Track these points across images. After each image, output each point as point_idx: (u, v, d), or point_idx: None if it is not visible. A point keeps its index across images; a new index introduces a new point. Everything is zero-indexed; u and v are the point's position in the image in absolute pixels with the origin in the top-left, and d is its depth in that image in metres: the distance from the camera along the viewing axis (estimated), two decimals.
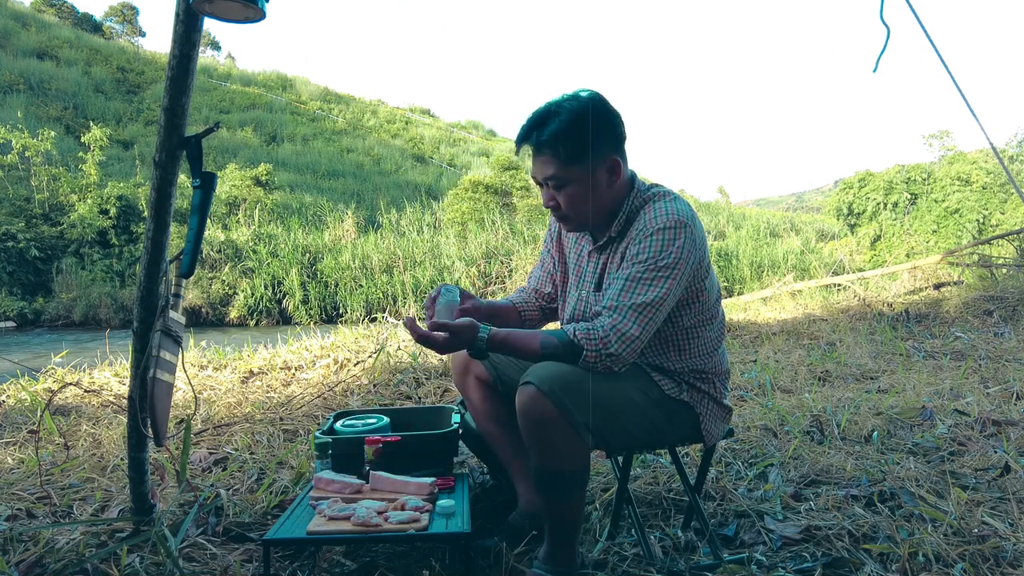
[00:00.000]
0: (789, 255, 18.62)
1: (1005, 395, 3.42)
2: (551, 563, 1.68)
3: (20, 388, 3.96)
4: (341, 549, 1.90)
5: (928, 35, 2.87)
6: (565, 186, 1.66)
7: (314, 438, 2.11)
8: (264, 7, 1.54)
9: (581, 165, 1.63)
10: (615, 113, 1.68)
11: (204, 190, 1.78)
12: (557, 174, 1.65)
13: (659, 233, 1.60)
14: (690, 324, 1.73)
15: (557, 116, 1.62)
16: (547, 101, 1.67)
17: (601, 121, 1.63)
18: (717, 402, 1.81)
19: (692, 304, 1.71)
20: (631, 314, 1.57)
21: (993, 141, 3.44)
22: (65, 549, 1.84)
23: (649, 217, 1.64)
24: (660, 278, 1.59)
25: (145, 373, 1.76)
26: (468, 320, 1.62)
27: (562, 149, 1.62)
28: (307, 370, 4.58)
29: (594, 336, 1.57)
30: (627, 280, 1.61)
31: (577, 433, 1.56)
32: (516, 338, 1.63)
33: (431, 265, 15.49)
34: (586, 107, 1.62)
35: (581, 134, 1.60)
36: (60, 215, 15.92)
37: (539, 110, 1.66)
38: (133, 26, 46.14)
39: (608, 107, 1.66)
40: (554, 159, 1.63)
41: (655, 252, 1.60)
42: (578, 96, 1.65)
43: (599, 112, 1.64)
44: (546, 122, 1.63)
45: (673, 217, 1.62)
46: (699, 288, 1.70)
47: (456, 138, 36.06)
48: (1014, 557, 1.72)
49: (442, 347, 1.61)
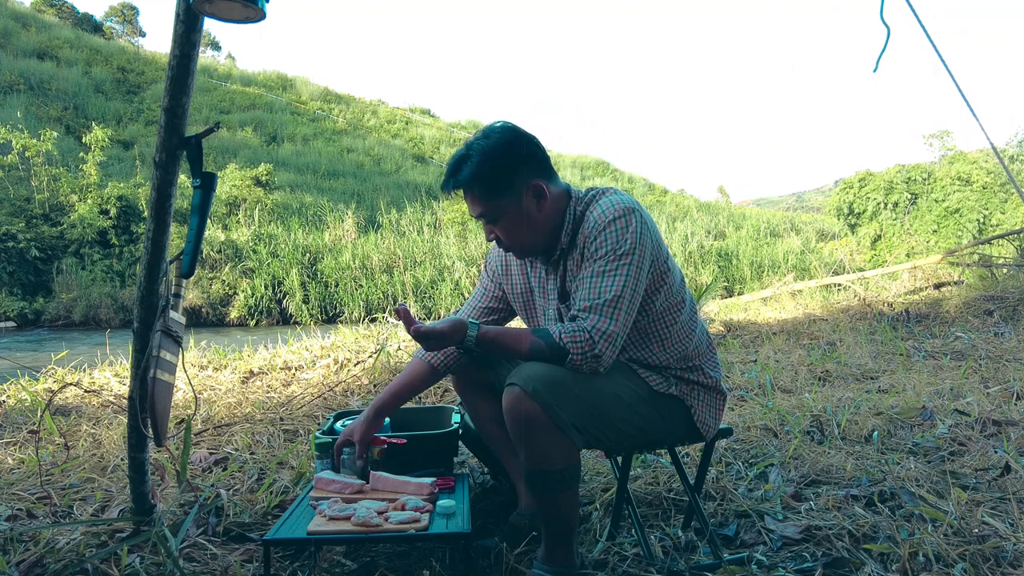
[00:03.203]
0: (789, 255, 18.64)
1: (1005, 395, 3.42)
2: (550, 563, 1.68)
3: (20, 388, 3.96)
4: (341, 549, 1.90)
5: (928, 35, 2.87)
6: (498, 219, 1.72)
7: (314, 438, 2.11)
8: (264, 7, 1.54)
9: (505, 198, 1.68)
10: (528, 139, 1.72)
11: (204, 190, 1.78)
12: (484, 211, 1.71)
13: (611, 225, 1.64)
14: (663, 309, 1.75)
15: (469, 159, 1.68)
16: (463, 144, 1.74)
17: (513, 152, 1.69)
18: (709, 389, 1.82)
19: (660, 289, 1.73)
20: (607, 310, 1.60)
21: (993, 141, 3.44)
22: (65, 549, 1.84)
23: (597, 214, 1.68)
24: (623, 266, 1.62)
25: (145, 373, 1.76)
26: (455, 320, 1.66)
27: (480, 188, 1.68)
28: (307, 370, 4.59)
29: (580, 339, 1.59)
30: (592, 276, 1.64)
31: (563, 432, 1.57)
32: (504, 338, 1.68)
33: (431, 265, 15.50)
34: (497, 143, 1.68)
35: (496, 170, 1.67)
36: (60, 215, 15.92)
37: (455, 154, 1.73)
38: (133, 26, 46.17)
39: (520, 135, 1.72)
40: (478, 198, 1.70)
41: (612, 243, 1.63)
42: (489, 133, 1.71)
43: (510, 143, 1.69)
44: (461, 167, 1.69)
45: (620, 207, 1.66)
46: (663, 270, 1.73)
47: (456, 138, 36.04)
48: (1014, 557, 1.71)
49: (430, 346, 1.68)
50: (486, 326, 1.67)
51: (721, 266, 17.52)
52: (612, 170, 34.78)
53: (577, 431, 1.60)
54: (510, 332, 1.68)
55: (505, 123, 1.74)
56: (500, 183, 1.67)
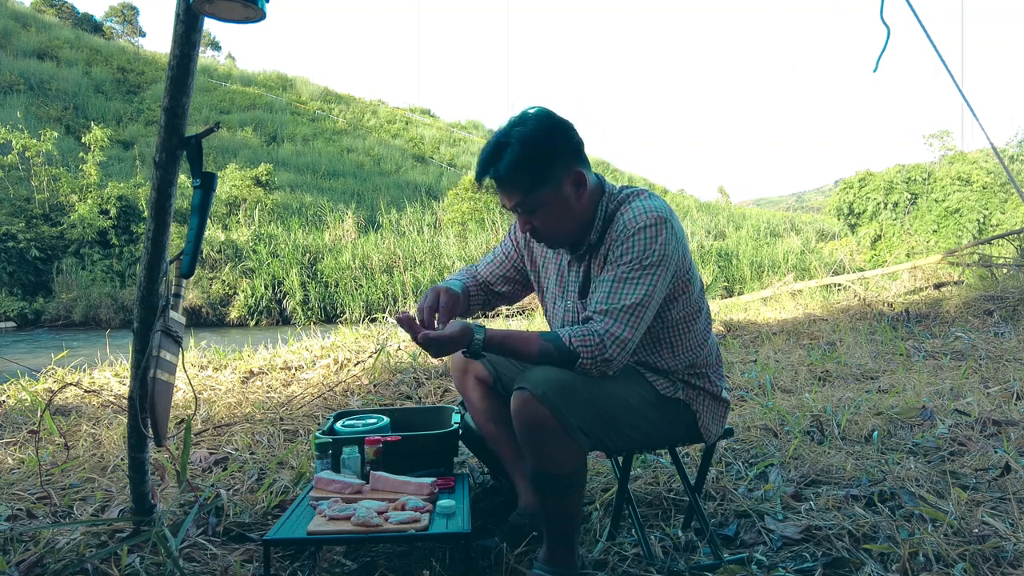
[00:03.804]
0: (789, 255, 18.63)
1: (1005, 395, 3.42)
2: (551, 563, 1.68)
3: (20, 388, 3.96)
4: (341, 549, 1.90)
5: (928, 35, 2.87)
6: (537, 210, 1.65)
7: (314, 438, 2.11)
8: (264, 7, 1.54)
9: (546, 187, 1.62)
10: (566, 125, 1.66)
11: (204, 190, 1.78)
12: (525, 201, 1.64)
13: (641, 232, 1.60)
14: (679, 318, 1.73)
15: (509, 146, 1.60)
16: (497, 130, 1.66)
17: (554, 138, 1.62)
18: (714, 397, 1.81)
19: (679, 298, 1.71)
20: (623, 316, 1.58)
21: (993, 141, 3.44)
22: (65, 549, 1.84)
23: (628, 217, 1.64)
24: (646, 276, 1.59)
25: (145, 373, 1.76)
26: (462, 325, 1.61)
27: (522, 177, 1.61)
28: (307, 370, 4.59)
29: (590, 343, 1.56)
30: (614, 281, 1.61)
31: (572, 436, 1.57)
32: (513, 342, 1.63)
33: (431, 265, 15.49)
34: (535, 129, 1.61)
35: (537, 158, 1.59)
36: (60, 215, 15.91)
37: (490, 142, 1.64)
38: (133, 26, 46.18)
39: (557, 121, 1.65)
40: (518, 189, 1.63)
41: (639, 252, 1.60)
42: (525, 119, 1.63)
43: (550, 130, 1.63)
44: (500, 154, 1.61)
45: (652, 215, 1.62)
46: (684, 281, 1.70)
47: (456, 138, 36.06)
48: (1014, 557, 1.72)
49: (437, 352, 1.62)
50: (493, 329, 1.64)
51: (721, 266, 17.50)
52: (612, 170, 34.76)
53: (585, 435, 1.60)
54: (518, 335, 1.65)
55: (540, 108, 1.67)
56: (542, 172, 1.60)
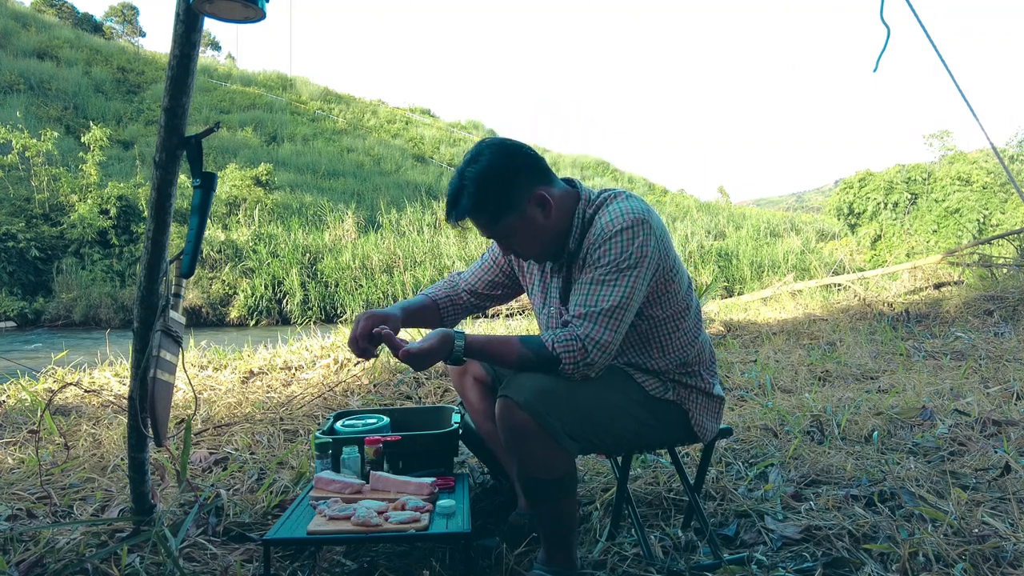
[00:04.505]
0: (789, 255, 18.64)
1: (1005, 395, 3.42)
2: (550, 564, 1.69)
3: (20, 388, 3.96)
4: (341, 549, 1.90)
5: (928, 35, 2.87)
6: (508, 236, 1.69)
7: (314, 438, 2.11)
8: (264, 7, 1.54)
9: (509, 216, 1.65)
10: (518, 150, 1.67)
11: (204, 190, 1.78)
12: (494, 232, 1.69)
13: (617, 236, 1.61)
14: (666, 316, 1.73)
15: (464, 188, 1.63)
16: (456, 170, 1.68)
17: (507, 169, 1.64)
18: (706, 394, 1.81)
19: (663, 296, 1.71)
20: (603, 320, 1.58)
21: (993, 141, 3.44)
22: (65, 549, 1.84)
23: (604, 221, 1.64)
24: (623, 278, 1.60)
25: (145, 373, 1.76)
26: (441, 334, 1.60)
27: (483, 215, 1.65)
28: (307, 370, 4.58)
29: (572, 347, 1.57)
30: (592, 284, 1.61)
31: (557, 442, 1.57)
32: (493, 347, 1.64)
33: (431, 265, 15.50)
34: (488, 166, 1.63)
35: (494, 193, 1.62)
36: (60, 215, 15.90)
37: (450, 185, 1.67)
38: (133, 26, 46.16)
39: (507, 150, 1.66)
40: (482, 225, 1.67)
41: (616, 255, 1.60)
42: (479, 155, 1.65)
43: (503, 161, 1.64)
44: (458, 198, 1.64)
45: (629, 217, 1.62)
46: (668, 279, 1.70)
47: (456, 138, 36.04)
48: (1014, 557, 1.72)
49: (420, 366, 1.61)
50: (473, 335, 1.64)
51: (721, 266, 17.51)
52: (612, 170, 34.75)
53: (572, 439, 1.60)
54: (497, 340, 1.66)
55: (491, 140, 1.71)
56: (501, 204, 1.63)
